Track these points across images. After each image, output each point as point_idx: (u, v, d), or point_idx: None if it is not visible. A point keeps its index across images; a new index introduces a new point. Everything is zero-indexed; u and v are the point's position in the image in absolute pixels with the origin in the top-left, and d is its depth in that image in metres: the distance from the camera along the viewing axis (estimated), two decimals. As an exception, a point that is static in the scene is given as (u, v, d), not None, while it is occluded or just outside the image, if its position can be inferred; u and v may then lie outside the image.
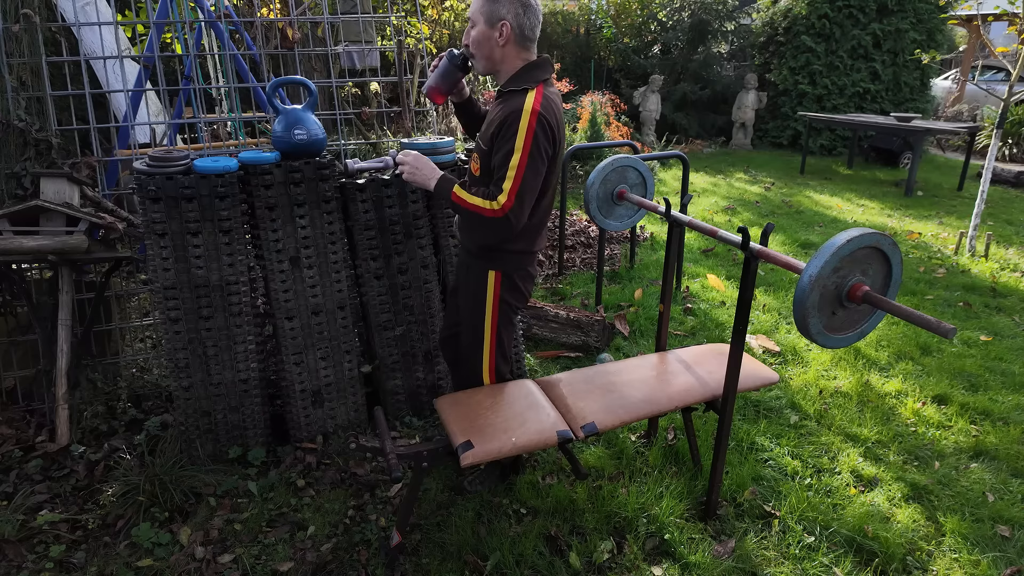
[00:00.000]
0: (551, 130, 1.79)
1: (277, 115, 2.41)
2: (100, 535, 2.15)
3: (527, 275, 2.09)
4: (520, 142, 1.74)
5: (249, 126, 4.70)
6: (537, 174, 1.78)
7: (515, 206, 1.76)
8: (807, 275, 1.60)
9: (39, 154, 2.83)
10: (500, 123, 1.79)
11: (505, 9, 1.80)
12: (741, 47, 11.10)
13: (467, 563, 2.03)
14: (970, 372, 3.26)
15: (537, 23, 1.86)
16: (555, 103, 1.86)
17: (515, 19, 1.81)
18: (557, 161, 1.90)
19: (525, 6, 1.82)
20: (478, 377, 2.18)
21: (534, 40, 1.88)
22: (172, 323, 2.35)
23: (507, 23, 1.81)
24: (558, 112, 1.86)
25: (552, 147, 1.82)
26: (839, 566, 2.05)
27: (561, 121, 1.88)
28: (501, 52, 1.85)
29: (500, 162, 1.78)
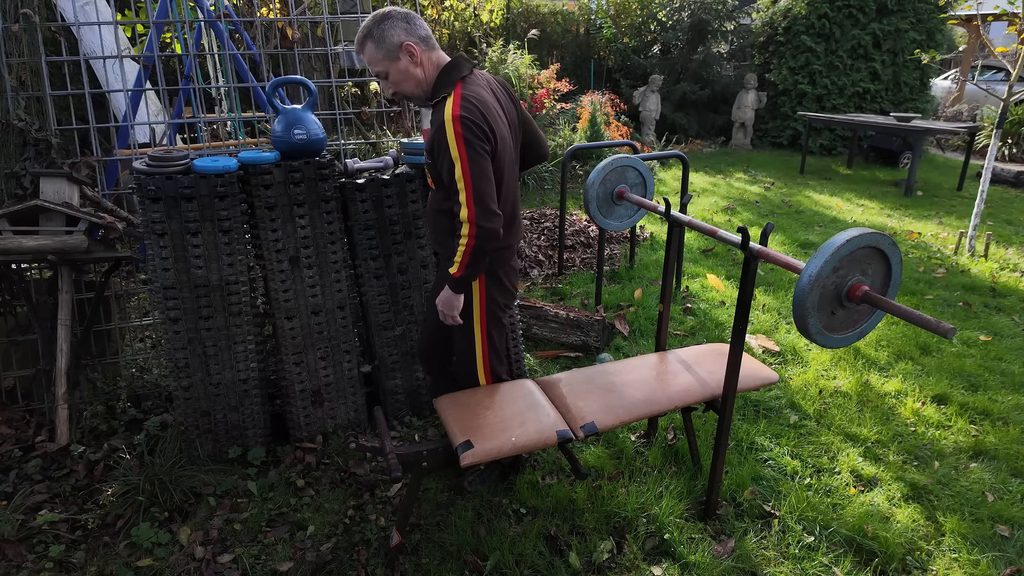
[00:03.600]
0: (477, 125, 1.77)
1: (277, 115, 2.41)
2: (100, 535, 2.15)
3: (510, 269, 2.08)
4: (455, 152, 1.75)
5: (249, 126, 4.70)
6: (483, 173, 1.77)
7: (479, 211, 1.76)
8: (807, 275, 1.60)
9: (39, 154, 2.83)
10: (432, 138, 1.83)
11: (395, 35, 1.84)
12: (741, 47, 11.10)
13: (467, 563, 2.03)
14: (970, 372, 3.26)
15: (424, 30, 1.89)
16: (478, 95, 1.83)
17: (408, 34, 1.85)
18: (502, 148, 1.86)
19: (407, 18, 1.86)
20: (474, 379, 2.18)
21: (431, 38, 1.91)
22: (172, 323, 2.35)
23: (406, 42, 1.85)
24: (484, 102, 1.82)
25: (488, 140, 1.79)
26: (839, 566, 2.05)
27: (490, 109, 1.83)
28: (422, 70, 1.89)
29: (448, 178, 1.80)
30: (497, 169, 1.85)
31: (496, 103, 1.90)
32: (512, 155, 1.96)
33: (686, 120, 10.35)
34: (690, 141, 10.09)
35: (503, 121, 1.89)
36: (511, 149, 1.95)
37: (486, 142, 1.78)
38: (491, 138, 1.80)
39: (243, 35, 4.50)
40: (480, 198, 1.75)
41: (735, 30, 10.74)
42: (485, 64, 8.44)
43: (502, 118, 1.90)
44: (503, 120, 1.90)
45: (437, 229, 2.07)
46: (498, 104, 1.92)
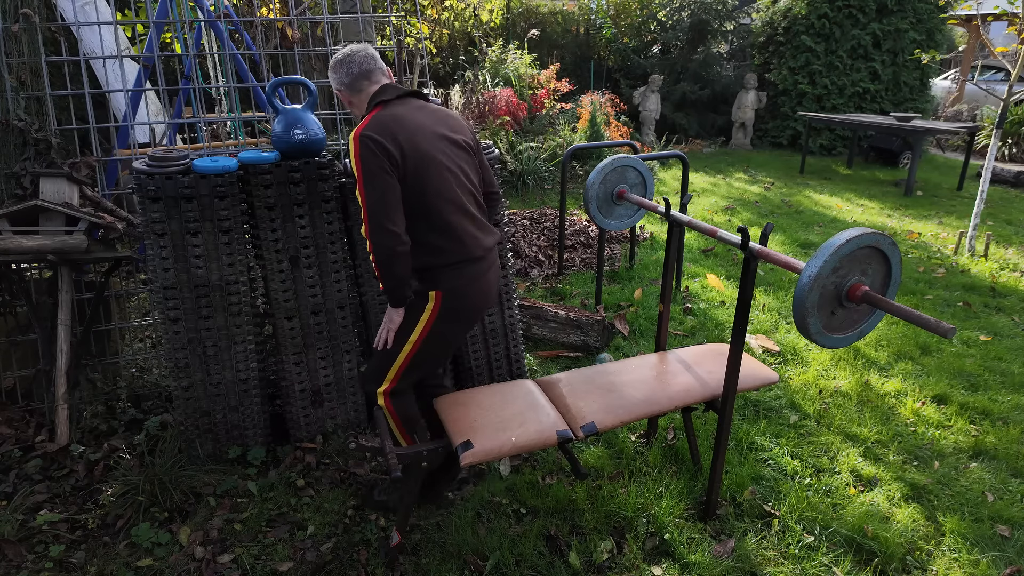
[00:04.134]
0: (378, 143, 1.81)
1: (277, 115, 2.41)
2: (100, 535, 2.15)
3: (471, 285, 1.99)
4: (354, 169, 1.83)
5: (249, 126, 4.70)
6: (375, 190, 1.81)
7: (372, 226, 1.81)
8: (807, 275, 1.60)
9: (38, 154, 2.83)
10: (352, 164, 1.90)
11: (335, 80, 2.03)
12: (741, 47, 11.11)
13: (467, 563, 2.03)
14: (970, 372, 3.26)
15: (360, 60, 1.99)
16: (393, 115, 1.89)
17: (338, 83, 2.02)
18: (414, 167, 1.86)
19: (335, 66, 2.01)
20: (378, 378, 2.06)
21: (367, 72, 2.00)
22: (172, 323, 2.34)
23: (336, 91, 2.06)
24: (398, 121, 1.88)
25: (388, 157, 1.82)
26: (839, 566, 2.05)
27: (405, 128, 1.87)
28: (356, 108, 2.06)
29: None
30: (415, 188, 1.87)
31: (423, 123, 1.93)
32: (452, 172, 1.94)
33: (686, 120, 10.35)
34: (690, 141, 10.09)
35: (432, 138, 1.91)
36: (449, 163, 1.93)
37: (386, 159, 1.82)
38: (394, 156, 1.83)
39: (243, 35, 4.50)
40: (373, 214, 1.80)
41: (735, 30, 10.74)
42: (485, 64, 8.45)
43: (430, 136, 1.91)
44: (432, 138, 1.91)
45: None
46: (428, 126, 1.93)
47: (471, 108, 7.40)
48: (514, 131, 7.36)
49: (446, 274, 1.95)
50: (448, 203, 1.92)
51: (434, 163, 1.90)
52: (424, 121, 1.94)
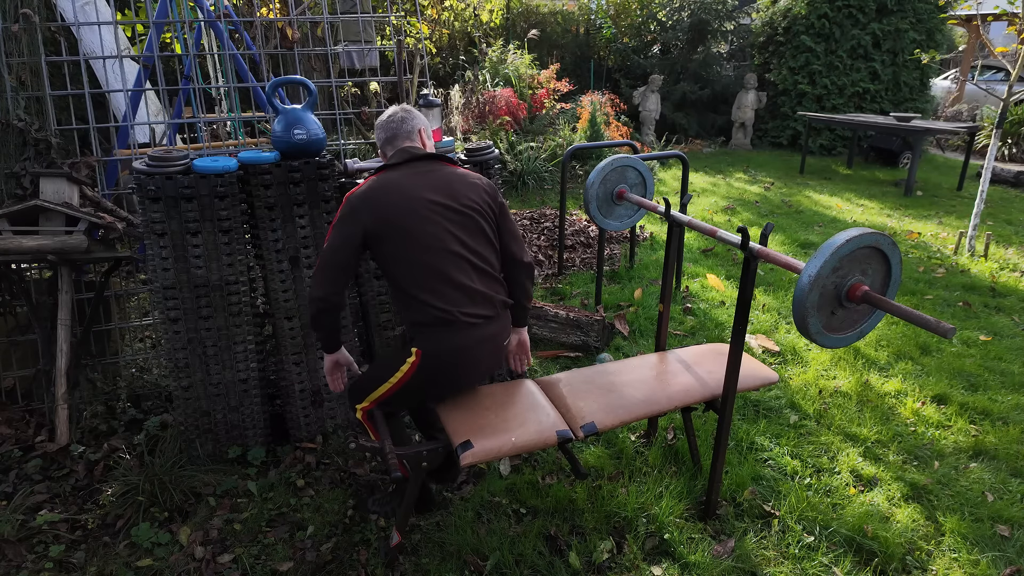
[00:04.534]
0: (355, 208, 1.91)
1: (276, 115, 2.41)
2: (100, 535, 2.15)
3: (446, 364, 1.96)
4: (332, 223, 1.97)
5: (249, 126, 4.70)
6: (332, 247, 1.91)
7: (314, 280, 1.92)
8: (807, 275, 1.60)
9: (38, 154, 2.83)
10: None
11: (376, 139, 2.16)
12: (741, 47, 11.11)
13: (467, 563, 2.03)
14: (969, 372, 3.26)
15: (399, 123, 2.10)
16: (387, 181, 1.96)
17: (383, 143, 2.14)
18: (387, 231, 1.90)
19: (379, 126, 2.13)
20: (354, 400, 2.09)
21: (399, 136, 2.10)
22: (171, 323, 2.34)
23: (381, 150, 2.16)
24: (380, 192, 1.93)
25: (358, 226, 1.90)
26: (839, 566, 2.05)
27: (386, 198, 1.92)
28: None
29: None
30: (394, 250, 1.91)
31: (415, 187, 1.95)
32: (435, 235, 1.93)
33: (686, 120, 10.35)
34: (690, 141, 10.09)
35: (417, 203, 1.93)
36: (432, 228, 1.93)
37: (355, 227, 1.91)
38: (365, 227, 1.90)
39: (243, 35, 4.50)
40: (320, 265, 1.92)
41: (735, 30, 10.74)
42: (485, 64, 8.45)
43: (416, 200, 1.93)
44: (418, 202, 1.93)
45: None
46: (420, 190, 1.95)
47: (471, 108, 7.40)
48: (514, 131, 7.36)
49: (424, 334, 1.93)
50: (428, 267, 1.91)
51: (413, 229, 1.91)
52: (418, 185, 1.96)
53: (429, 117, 2.61)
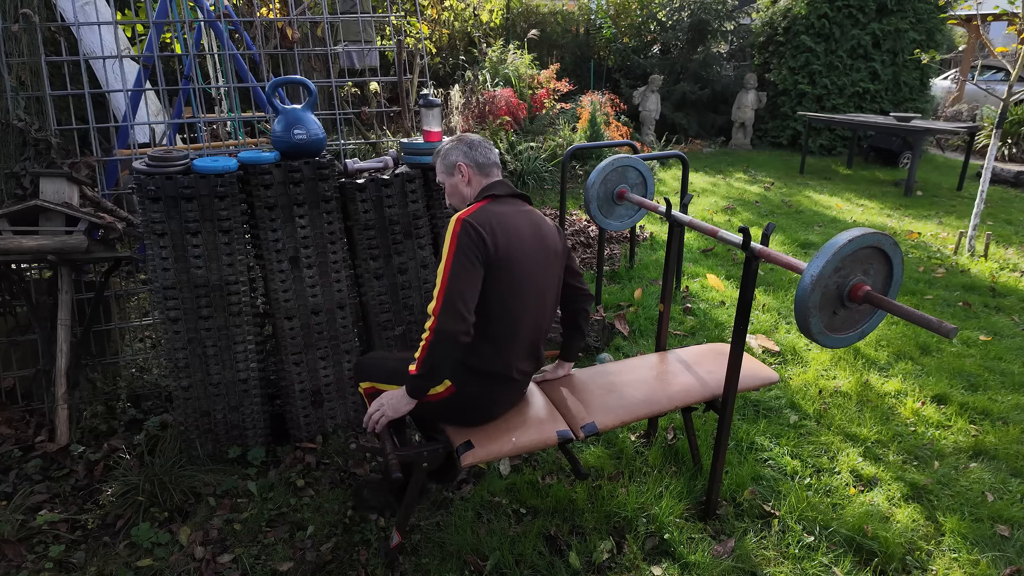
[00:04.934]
0: (477, 231, 1.78)
1: (276, 115, 2.41)
2: (99, 535, 2.15)
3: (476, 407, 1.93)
4: (445, 248, 1.78)
5: (249, 126, 4.70)
6: (464, 272, 1.74)
7: (443, 310, 1.72)
8: (808, 275, 1.60)
9: (38, 154, 2.83)
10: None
11: (454, 155, 2.02)
12: (741, 47, 11.11)
13: (467, 563, 2.03)
14: (969, 372, 3.26)
15: (487, 151, 2.03)
16: (498, 211, 1.88)
17: (465, 157, 2.01)
18: (500, 266, 1.81)
19: (469, 143, 2.03)
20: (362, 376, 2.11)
21: (489, 165, 2.02)
22: (171, 323, 2.34)
23: (461, 164, 2.01)
24: (500, 218, 1.85)
25: (483, 249, 1.78)
26: (839, 566, 2.05)
27: (505, 225, 1.85)
28: (469, 188, 2.03)
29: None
30: (499, 286, 1.82)
31: (522, 228, 1.91)
32: (532, 283, 1.90)
33: (686, 120, 10.35)
34: (690, 141, 10.09)
35: (525, 245, 1.88)
36: (531, 276, 1.89)
37: (480, 250, 1.77)
38: (488, 250, 1.78)
39: (243, 35, 4.50)
40: (449, 295, 1.72)
41: (735, 30, 10.74)
42: (485, 64, 8.44)
43: (524, 242, 1.88)
44: (525, 244, 1.88)
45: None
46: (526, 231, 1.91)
47: (471, 108, 7.40)
48: (514, 131, 7.36)
49: (470, 377, 1.89)
50: (517, 316, 1.87)
51: (520, 272, 1.85)
52: (522, 225, 1.91)
53: (429, 117, 2.61)
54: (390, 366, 2.03)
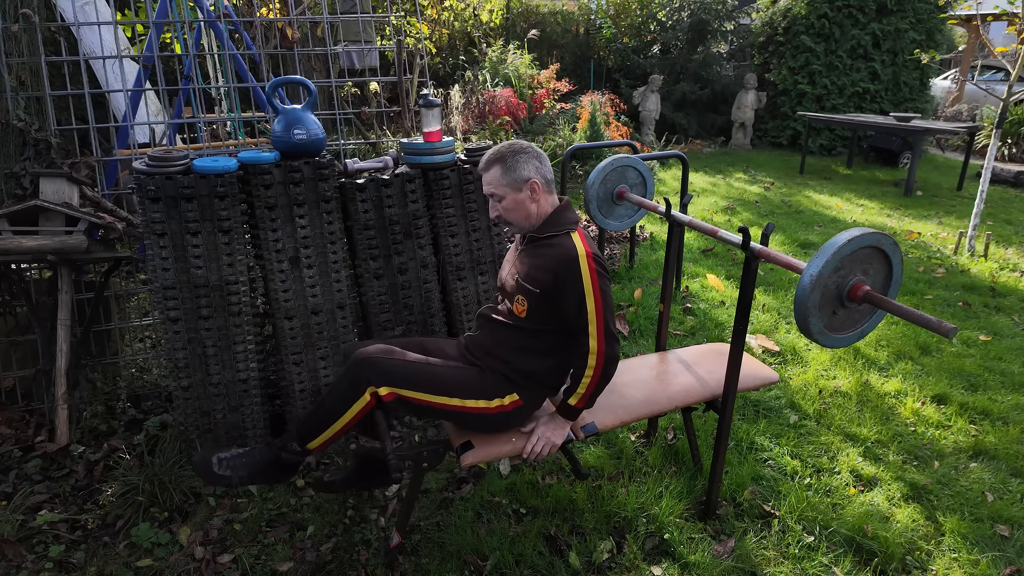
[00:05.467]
0: (602, 264, 1.86)
1: (276, 115, 2.40)
2: (99, 535, 2.15)
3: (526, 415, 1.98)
4: (588, 287, 1.80)
5: (249, 126, 4.70)
6: (606, 299, 1.83)
7: (608, 344, 1.82)
8: (808, 275, 1.60)
9: (38, 154, 2.83)
10: (556, 271, 1.83)
11: (526, 169, 1.88)
12: (741, 47, 11.11)
13: (467, 563, 2.03)
14: (969, 372, 3.26)
15: (550, 175, 1.95)
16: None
17: (537, 172, 1.90)
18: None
19: (539, 157, 1.91)
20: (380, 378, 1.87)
21: (552, 182, 1.96)
22: (171, 323, 2.34)
23: (534, 180, 1.89)
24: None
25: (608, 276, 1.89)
26: (839, 566, 2.05)
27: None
28: (536, 206, 1.92)
29: (574, 313, 1.82)
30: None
31: None
32: None
33: (686, 120, 10.35)
34: (690, 141, 10.09)
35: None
36: None
37: (608, 281, 1.88)
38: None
39: (243, 35, 4.49)
40: (608, 330, 1.83)
41: (735, 30, 10.74)
42: (485, 64, 8.44)
43: None
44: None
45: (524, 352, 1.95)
46: None
47: (471, 108, 7.40)
48: (514, 131, 7.36)
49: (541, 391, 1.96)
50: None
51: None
52: None
53: (429, 117, 2.61)
54: (421, 374, 1.87)
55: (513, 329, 1.94)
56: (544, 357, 1.93)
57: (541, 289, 1.85)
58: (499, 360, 1.94)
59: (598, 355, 1.81)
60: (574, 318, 1.83)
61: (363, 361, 1.84)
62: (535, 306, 1.88)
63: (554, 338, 1.92)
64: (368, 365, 1.84)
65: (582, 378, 1.85)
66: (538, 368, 1.93)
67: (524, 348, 1.93)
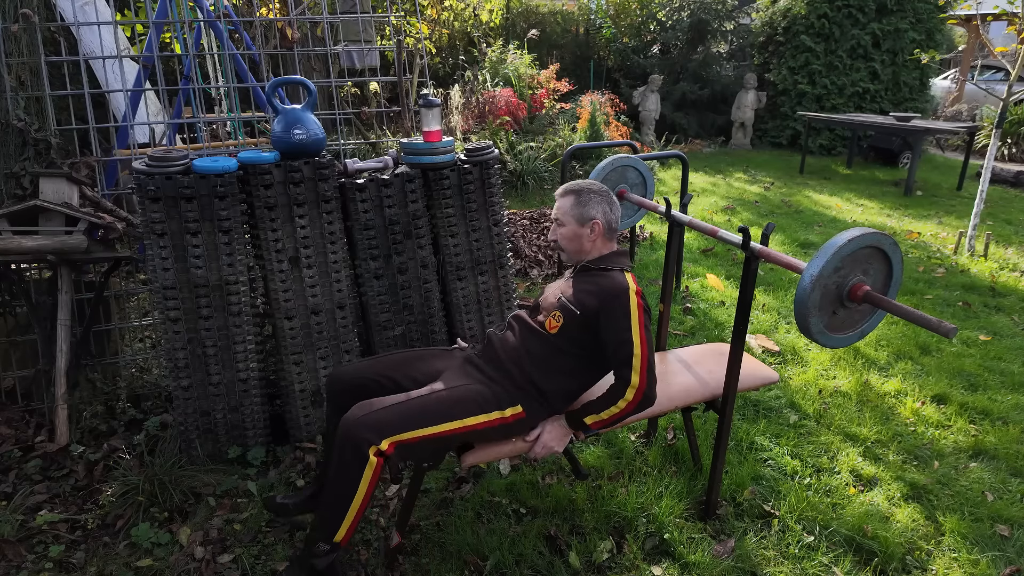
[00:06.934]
0: (648, 307, 1.90)
1: (276, 115, 2.41)
2: (99, 535, 2.15)
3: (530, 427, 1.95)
4: (635, 323, 1.85)
5: (248, 126, 4.70)
6: (652, 346, 1.87)
7: (648, 380, 1.84)
8: (808, 275, 1.60)
9: (38, 154, 2.83)
10: (603, 299, 1.88)
11: (595, 210, 1.99)
12: (740, 47, 11.11)
13: (467, 563, 2.03)
14: (969, 372, 3.26)
15: (619, 212, 2.05)
16: None
17: (603, 216, 2.00)
18: None
19: (611, 204, 2.02)
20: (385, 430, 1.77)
21: (616, 230, 2.05)
22: (171, 323, 2.34)
23: (598, 221, 1.99)
24: None
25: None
26: (838, 565, 2.05)
27: None
28: (591, 244, 2.01)
29: (615, 345, 1.85)
30: None
31: None
32: None
33: (686, 120, 10.35)
34: (690, 141, 10.09)
35: None
36: None
37: (651, 322, 1.92)
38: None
39: (243, 35, 4.49)
40: (651, 370, 1.85)
41: (735, 30, 10.74)
42: (485, 64, 8.44)
43: None
44: None
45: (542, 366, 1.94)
46: None
47: (471, 108, 7.40)
48: (514, 131, 7.36)
49: (553, 406, 1.96)
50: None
51: None
52: None
53: (429, 117, 2.61)
54: (413, 410, 1.78)
55: (540, 339, 1.95)
56: (557, 376, 1.94)
57: (582, 312, 1.89)
58: (516, 365, 1.94)
59: (638, 391, 1.82)
60: (614, 350, 1.85)
61: (352, 425, 1.71)
62: (568, 325, 1.91)
63: (572, 363, 1.94)
64: (359, 426, 1.71)
65: (612, 405, 1.85)
66: (548, 386, 1.93)
67: (543, 361, 1.94)
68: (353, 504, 1.71)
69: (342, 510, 1.72)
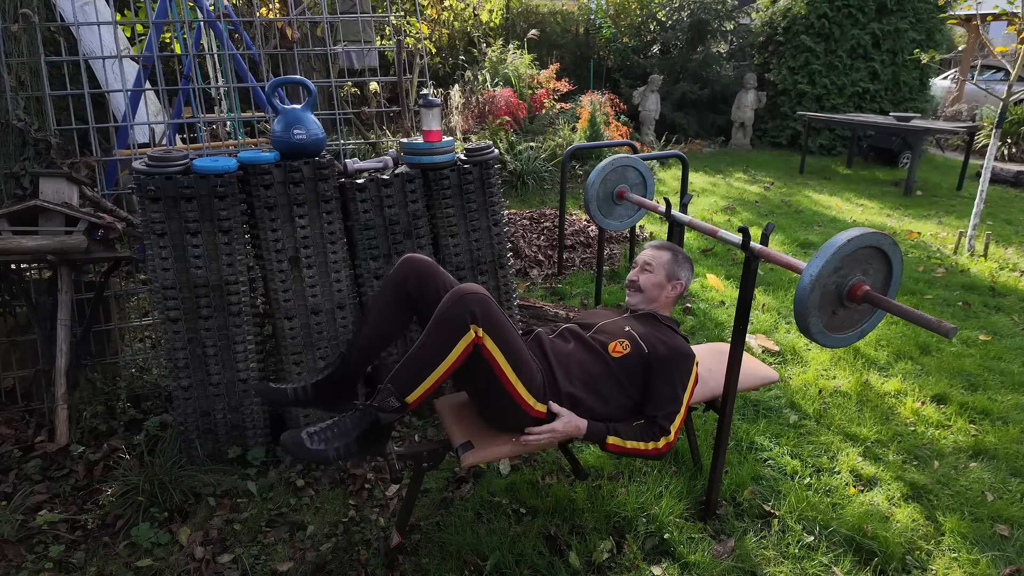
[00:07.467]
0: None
1: (276, 115, 2.40)
2: (99, 535, 2.15)
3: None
4: (689, 388, 2.00)
5: (248, 126, 4.70)
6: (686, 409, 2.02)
7: (677, 438, 1.98)
8: (808, 275, 1.60)
9: (38, 154, 2.83)
10: (674, 355, 1.99)
11: (684, 273, 2.23)
12: (740, 47, 11.11)
13: (467, 563, 2.03)
14: (969, 371, 3.26)
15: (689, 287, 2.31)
16: None
17: (687, 280, 2.25)
18: None
19: (692, 273, 2.28)
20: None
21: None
22: (171, 323, 2.34)
23: (682, 283, 2.24)
24: None
25: None
26: (838, 565, 2.05)
27: None
28: (666, 300, 2.23)
29: (665, 399, 1.96)
30: None
31: None
32: None
33: (686, 120, 10.35)
34: (690, 141, 10.09)
35: None
36: None
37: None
38: None
39: (243, 35, 4.49)
40: (680, 428, 1.97)
41: (735, 30, 10.74)
42: (485, 64, 8.45)
43: None
44: None
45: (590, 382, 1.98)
46: None
47: (471, 108, 7.40)
48: (514, 131, 7.36)
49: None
50: None
51: None
52: None
53: (429, 117, 2.61)
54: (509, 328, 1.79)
55: (599, 359, 2.01)
56: (595, 396, 1.97)
57: (650, 352, 1.99)
58: (564, 371, 1.97)
59: (668, 444, 1.94)
60: (661, 401, 1.96)
61: (471, 296, 1.69)
62: (631, 357, 1.99)
63: (615, 390, 1.99)
64: (476, 301, 1.69)
65: (641, 442, 1.92)
66: (584, 400, 1.95)
67: (591, 378, 1.98)
68: (437, 370, 1.70)
69: (424, 373, 1.72)
